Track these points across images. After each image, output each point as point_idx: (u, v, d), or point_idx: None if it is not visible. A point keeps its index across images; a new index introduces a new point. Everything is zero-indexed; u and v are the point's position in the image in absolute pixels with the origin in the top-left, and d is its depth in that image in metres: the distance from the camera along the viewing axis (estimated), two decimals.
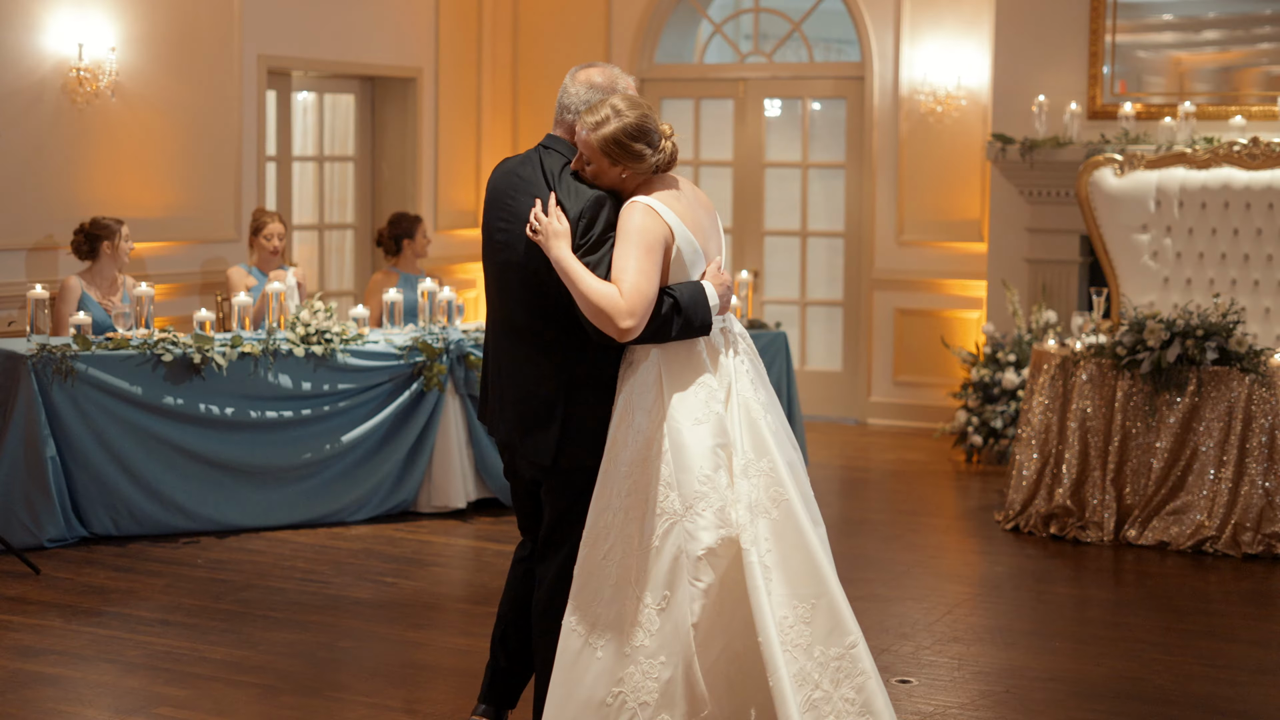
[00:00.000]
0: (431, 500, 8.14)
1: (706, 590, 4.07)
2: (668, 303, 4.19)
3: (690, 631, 4.07)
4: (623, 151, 4.19)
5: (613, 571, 4.18)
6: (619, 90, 4.36)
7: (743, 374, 4.27)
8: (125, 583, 6.75)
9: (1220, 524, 7.53)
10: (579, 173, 4.28)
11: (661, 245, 4.17)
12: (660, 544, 4.11)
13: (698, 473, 4.11)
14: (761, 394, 4.29)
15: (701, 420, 4.16)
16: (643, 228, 4.15)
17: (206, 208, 9.55)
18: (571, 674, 4.20)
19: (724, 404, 4.20)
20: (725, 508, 4.11)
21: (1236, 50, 10.04)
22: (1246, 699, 5.51)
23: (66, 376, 7.28)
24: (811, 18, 11.31)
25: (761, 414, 4.23)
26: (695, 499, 4.10)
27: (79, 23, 8.68)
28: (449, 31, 11.32)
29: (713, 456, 4.13)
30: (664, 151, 4.25)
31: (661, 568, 4.11)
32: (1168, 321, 7.68)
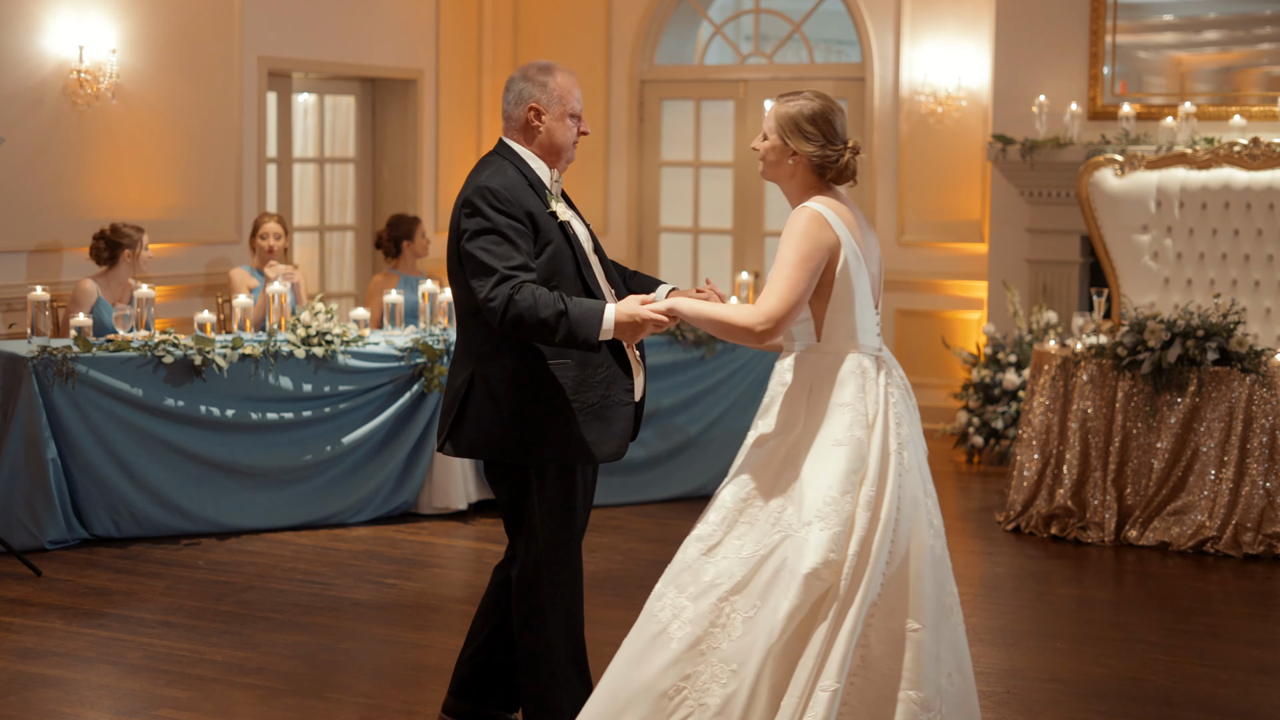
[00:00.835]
0: (432, 502, 8.14)
1: (792, 613, 3.98)
2: (558, 308, 4.23)
3: (767, 650, 3.99)
4: (796, 131, 4.20)
5: (710, 570, 4.14)
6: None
7: (892, 405, 4.22)
8: (126, 584, 6.75)
9: (1221, 524, 7.53)
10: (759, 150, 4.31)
11: (820, 254, 4.14)
12: (768, 554, 4.05)
13: (825, 493, 4.04)
14: (904, 428, 4.23)
15: (842, 443, 4.09)
16: (805, 234, 4.14)
17: (207, 209, 9.55)
18: (639, 657, 4.10)
19: (868, 430, 4.14)
20: (842, 534, 4.03)
21: (1237, 51, 10.05)
22: (1247, 699, 5.51)
23: (67, 378, 7.28)
24: (812, 19, 11.31)
25: (896, 448, 4.18)
26: (815, 517, 4.02)
27: (79, 25, 8.68)
28: (449, 33, 11.33)
29: (844, 480, 4.06)
30: (837, 152, 4.22)
31: (762, 578, 4.03)
32: (1168, 322, 7.68)
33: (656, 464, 8.57)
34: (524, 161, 4.49)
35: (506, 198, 4.34)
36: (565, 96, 4.52)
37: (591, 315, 4.23)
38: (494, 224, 4.31)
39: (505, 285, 4.24)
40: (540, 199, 4.44)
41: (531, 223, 4.37)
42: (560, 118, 4.51)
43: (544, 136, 4.51)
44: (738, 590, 4.05)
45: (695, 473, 8.65)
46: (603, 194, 11.70)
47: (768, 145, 4.26)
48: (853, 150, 4.24)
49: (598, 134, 11.64)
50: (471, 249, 4.31)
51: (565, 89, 4.52)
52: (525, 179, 4.44)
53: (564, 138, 4.52)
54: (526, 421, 4.41)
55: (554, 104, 4.51)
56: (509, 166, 4.46)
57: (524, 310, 4.21)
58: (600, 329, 4.24)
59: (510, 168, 4.45)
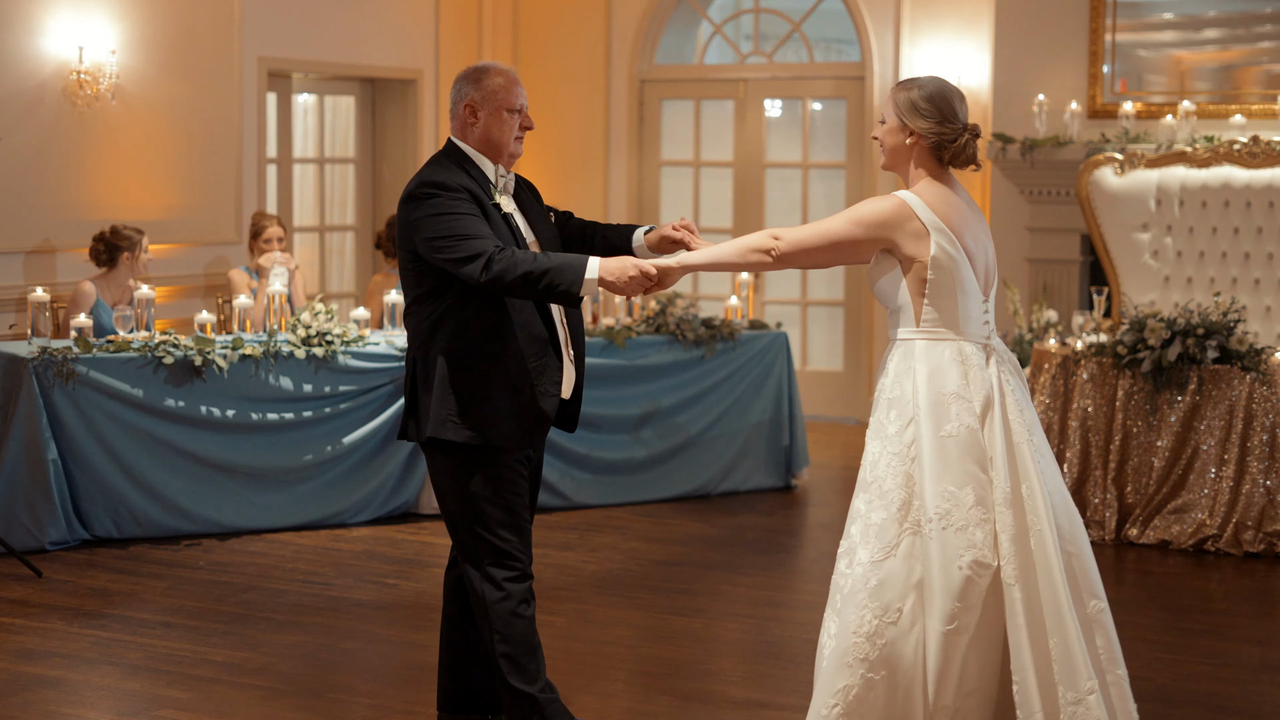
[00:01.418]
0: (433, 502, 8.13)
1: (950, 616, 4.01)
2: (537, 260, 4.31)
3: (913, 660, 4.04)
4: (912, 109, 4.22)
5: (846, 573, 4.15)
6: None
7: (1009, 392, 4.17)
8: (127, 585, 6.75)
9: (1222, 523, 7.53)
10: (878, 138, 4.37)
11: (877, 227, 4.21)
12: (892, 552, 4.07)
13: (944, 486, 4.04)
14: (1027, 414, 4.19)
15: (952, 433, 4.08)
16: (873, 206, 4.21)
17: (207, 210, 9.56)
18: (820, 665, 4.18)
19: (980, 419, 4.10)
20: (971, 528, 4.02)
21: (1237, 49, 10.04)
22: (1248, 697, 5.51)
23: (68, 379, 7.28)
24: (811, 18, 11.31)
25: (1025, 436, 4.14)
26: (938, 515, 4.03)
27: (79, 26, 8.68)
28: (449, 33, 11.33)
29: (960, 471, 4.05)
30: (955, 131, 4.21)
31: (896, 578, 4.08)
32: (1168, 320, 7.68)
33: (657, 464, 8.57)
34: (467, 158, 4.59)
35: (451, 184, 4.45)
36: (498, 92, 4.59)
37: (574, 264, 4.32)
38: (449, 207, 4.42)
39: (478, 243, 4.35)
40: (484, 191, 4.52)
41: (480, 207, 4.47)
42: (495, 113, 4.59)
43: (481, 132, 4.59)
44: (866, 593, 4.08)
45: (695, 473, 8.65)
46: (603, 194, 11.70)
47: (886, 128, 4.29)
48: (972, 132, 4.24)
49: (598, 134, 11.64)
50: (433, 231, 4.40)
51: (499, 86, 4.59)
52: (467, 173, 4.54)
53: (500, 132, 4.59)
54: (451, 407, 4.48)
55: (488, 100, 4.59)
56: (451, 163, 4.56)
57: (504, 268, 4.31)
58: (583, 278, 4.30)
59: (452, 164, 4.56)
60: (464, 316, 4.47)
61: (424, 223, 4.42)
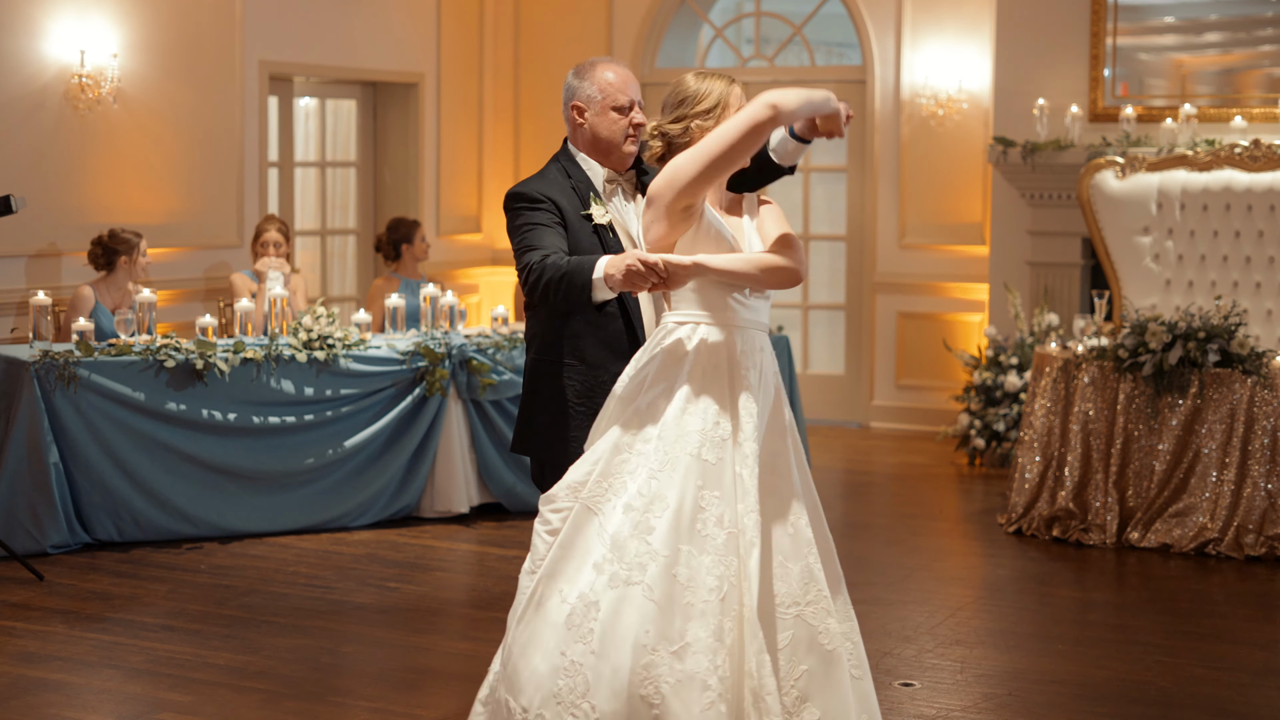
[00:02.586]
0: (434, 505, 8.14)
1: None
2: (560, 267, 4.17)
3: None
4: None
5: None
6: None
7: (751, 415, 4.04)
8: (128, 588, 6.76)
9: (1223, 526, 7.53)
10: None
11: None
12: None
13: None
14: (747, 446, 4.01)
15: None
16: None
17: (209, 213, 9.56)
18: None
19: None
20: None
21: (1238, 52, 10.05)
22: (1249, 701, 5.51)
23: (69, 383, 7.28)
24: (813, 21, 11.32)
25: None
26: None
27: (81, 29, 8.69)
28: (450, 37, 11.33)
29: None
30: None
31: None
32: (1169, 324, 7.68)
33: None
34: (575, 163, 4.46)
35: (530, 195, 4.34)
36: (605, 89, 4.40)
37: (585, 265, 4.13)
38: (525, 219, 4.32)
39: (531, 254, 4.23)
40: (582, 200, 4.40)
41: (563, 217, 4.36)
42: (602, 112, 4.41)
43: (589, 133, 4.44)
44: None
45: None
46: None
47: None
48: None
49: None
50: (512, 243, 4.36)
51: (606, 83, 4.40)
52: (569, 179, 4.41)
53: (609, 132, 4.42)
54: (534, 419, 4.43)
55: (594, 99, 4.42)
56: (555, 168, 4.45)
57: (536, 278, 4.19)
58: (591, 277, 4.10)
59: (555, 169, 4.44)
60: (551, 328, 4.39)
61: (509, 234, 4.36)
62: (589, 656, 3.84)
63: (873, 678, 5.62)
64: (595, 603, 3.87)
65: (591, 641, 3.84)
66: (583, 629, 3.86)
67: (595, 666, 3.83)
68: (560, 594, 3.93)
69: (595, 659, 3.84)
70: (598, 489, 3.99)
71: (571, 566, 3.95)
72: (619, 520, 3.93)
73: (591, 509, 3.98)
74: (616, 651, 3.83)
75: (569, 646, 3.86)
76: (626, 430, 4.03)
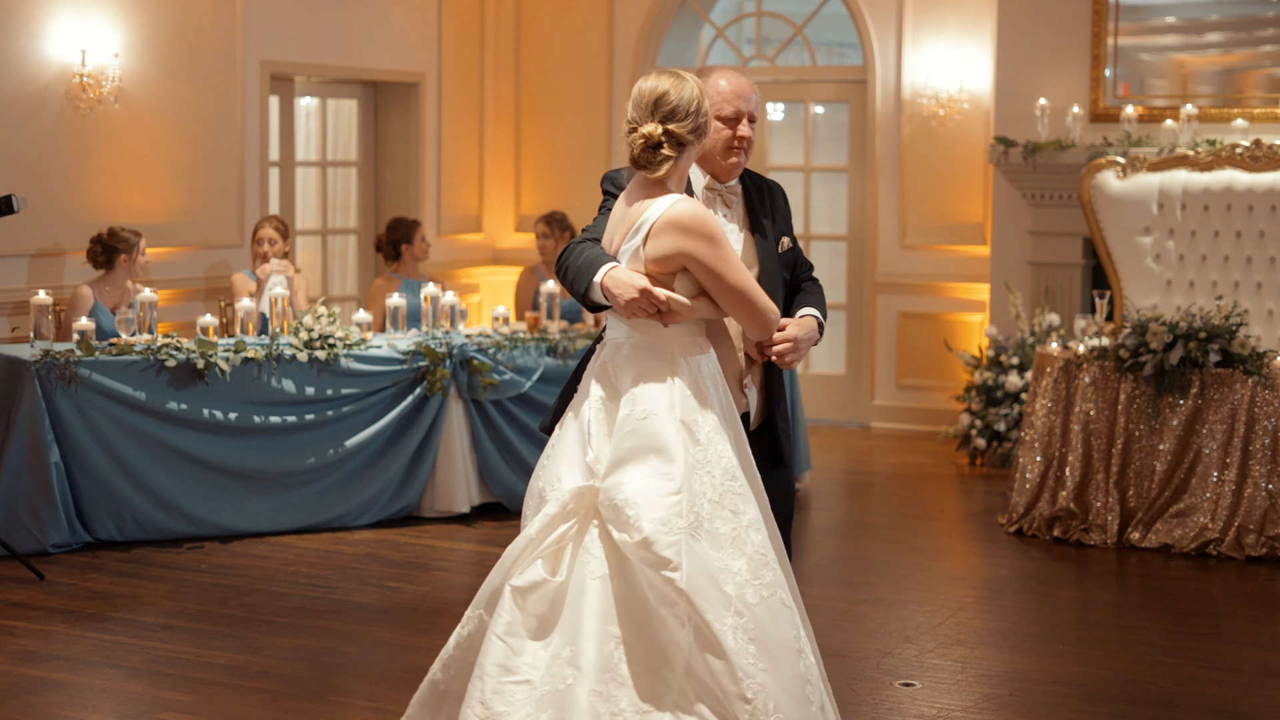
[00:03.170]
0: (435, 505, 8.14)
1: None
2: (575, 256, 4.17)
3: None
4: None
5: None
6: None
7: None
8: (129, 588, 6.76)
9: (1224, 526, 7.53)
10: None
11: None
12: None
13: None
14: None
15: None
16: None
17: (210, 213, 9.56)
18: None
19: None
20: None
21: (1239, 52, 10.05)
22: (1250, 701, 5.51)
23: (70, 382, 7.29)
24: (814, 21, 11.32)
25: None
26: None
27: (82, 29, 8.69)
28: (451, 36, 11.33)
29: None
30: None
31: None
32: (1170, 324, 7.68)
33: None
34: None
35: (614, 180, 4.33)
36: (712, 98, 4.31)
37: (595, 263, 4.08)
38: (604, 201, 4.34)
39: (578, 236, 4.26)
40: None
41: None
42: (713, 120, 4.32)
43: None
44: None
45: None
46: None
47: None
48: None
49: (600, 137, 11.64)
50: None
51: (718, 89, 4.32)
52: None
53: (712, 140, 4.33)
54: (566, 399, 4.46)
55: (713, 108, 4.32)
56: None
57: (564, 256, 4.20)
58: (591, 282, 4.07)
59: None
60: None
61: None
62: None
63: (874, 678, 5.64)
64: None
65: None
66: None
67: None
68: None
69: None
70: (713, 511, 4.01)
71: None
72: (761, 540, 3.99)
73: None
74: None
75: None
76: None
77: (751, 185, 4.47)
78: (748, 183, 4.47)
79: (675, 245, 4.00)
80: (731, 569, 3.90)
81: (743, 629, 3.85)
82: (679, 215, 3.99)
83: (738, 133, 4.32)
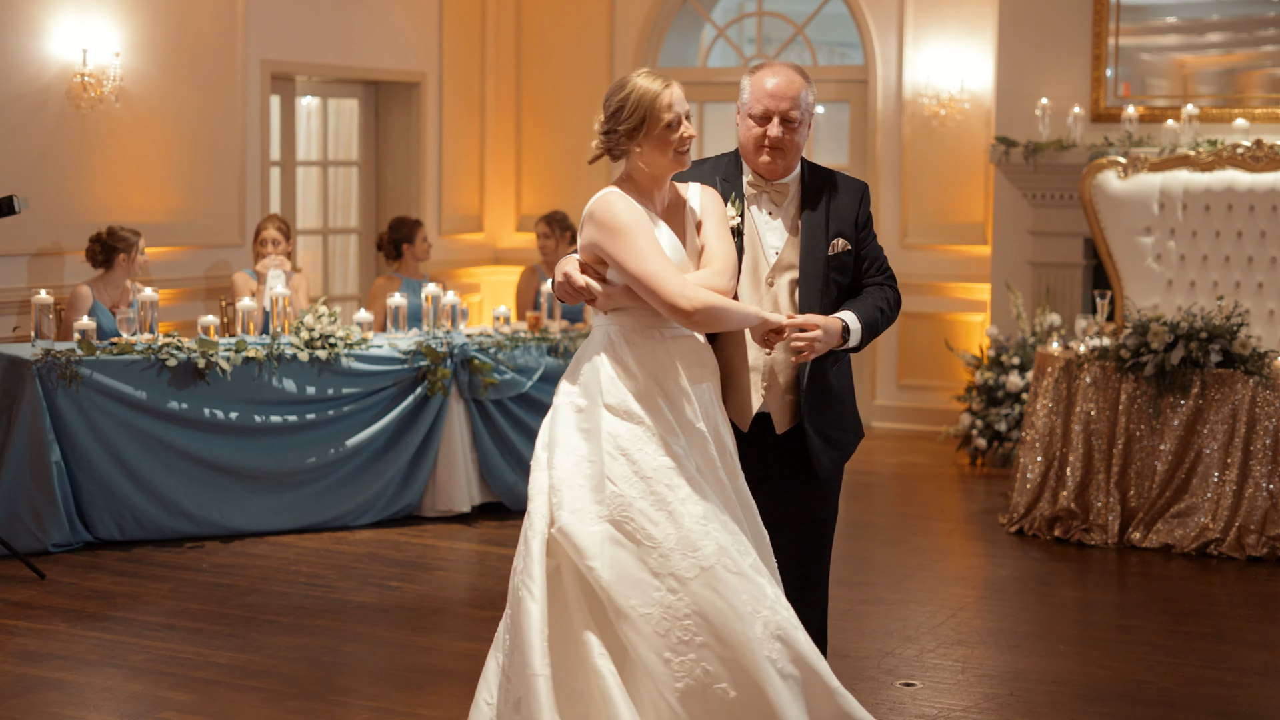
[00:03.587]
0: (436, 504, 8.14)
1: None
2: None
3: None
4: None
5: None
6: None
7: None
8: (130, 587, 6.76)
9: (1224, 527, 7.53)
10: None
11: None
12: None
13: None
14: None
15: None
16: (718, 202, 4.33)
17: (210, 213, 9.56)
18: None
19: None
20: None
21: (1240, 52, 10.04)
22: (1250, 701, 5.51)
23: (71, 381, 7.29)
24: (815, 21, 11.31)
25: None
26: None
27: (83, 28, 8.69)
28: (452, 36, 11.33)
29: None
30: None
31: None
32: (1171, 324, 7.68)
33: None
34: (736, 159, 4.39)
35: (678, 175, 4.35)
36: (744, 94, 4.33)
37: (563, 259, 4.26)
38: None
39: None
40: (723, 196, 4.32)
41: None
42: (742, 117, 4.34)
43: (738, 135, 4.39)
44: None
45: None
46: None
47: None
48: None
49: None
50: None
51: (752, 85, 4.32)
52: (720, 172, 4.34)
53: (744, 138, 4.34)
54: None
55: (743, 101, 4.35)
56: (725, 159, 4.41)
57: None
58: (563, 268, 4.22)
59: (724, 160, 4.40)
60: None
61: None
62: None
63: (874, 678, 5.64)
64: None
65: None
66: None
67: None
68: None
69: None
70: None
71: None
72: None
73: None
74: None
75: None
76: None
77: (812, 184, 4.40)
78: (809, 181, 4.41)
79: (588, 235, 4.17)
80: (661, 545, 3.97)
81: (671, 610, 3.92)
82: (592, 207, 4.17)
83: (767, 132, 4.28)
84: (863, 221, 4.43)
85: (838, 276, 4.38)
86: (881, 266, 4.49)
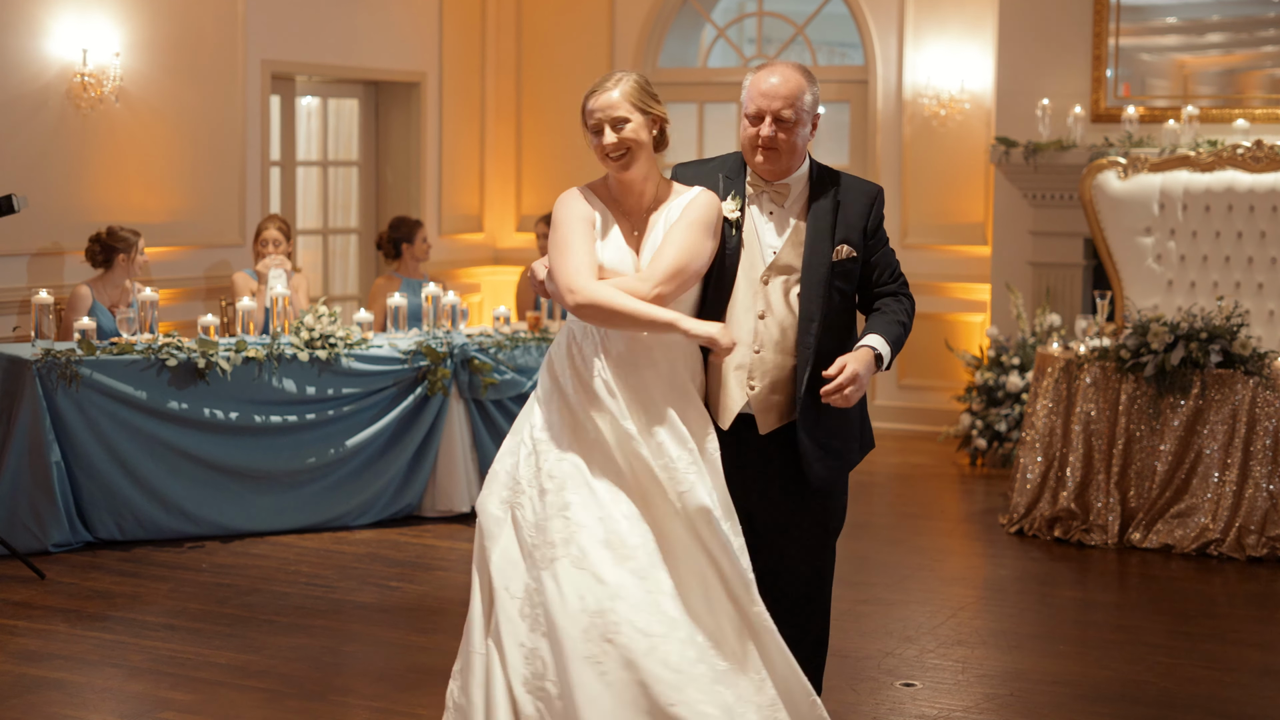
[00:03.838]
0: (436, 504, 8.14)
1: None
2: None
3: None
4: (653, 96, 4.40)
5: None
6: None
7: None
8: (130, 587, 6.76)
9: (1224, 527, 7.53)
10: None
11: (718, 224, 4.30)
12: None
13: None
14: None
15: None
16: (707, 204, 4.27)
17: (211, 213, 9.56)
18: None
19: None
20: None
21: (1240, 53, 10.04)
22: (1250, 702, 5.51)
23: (71, 381, 7.29)
24: (815, 21, 11.32)
25: None
26: None
27: (83, 28, 8.69)
28: (453, 36, 11.33)
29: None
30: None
31: None
32: (1172, 324, 7.68)
33: None
34: (741, 157, 4.36)
35: (682, 173, 4.39)
36: (746, 92, 4.30)
37: None
38: None
39: None
40: (723, 191, 4.29)
41: None
42: (741, 116, 4.31)
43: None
44: None
45: None
46: None
47: (634, 125, 4.24)
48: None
49: None
50: None
51: (746, 86, 4.30)
52: (725, 169, 4.32)
53: (741, 137, 4.31)
54: None
55: (743, 101, 4.32)
56: (730, 158, 4.39)
57: None
58: None
59: (729, 159, 4.39)
60: None
61: None
62: None
63: (874, 678, 5.64)
64: None
65: None
66: None
67: None
68: None
69: None
70: None
71: None
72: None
73: None
74: None
75: None
76: None
77: (820, 187, 4.32)
78: (818, 184, 4.34)
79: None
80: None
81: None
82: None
83: (759, 132, 4.24)
84: (872, 229, 4.34)
85: (841, 284, 4.29)
86: (895, 273, 4.40)
